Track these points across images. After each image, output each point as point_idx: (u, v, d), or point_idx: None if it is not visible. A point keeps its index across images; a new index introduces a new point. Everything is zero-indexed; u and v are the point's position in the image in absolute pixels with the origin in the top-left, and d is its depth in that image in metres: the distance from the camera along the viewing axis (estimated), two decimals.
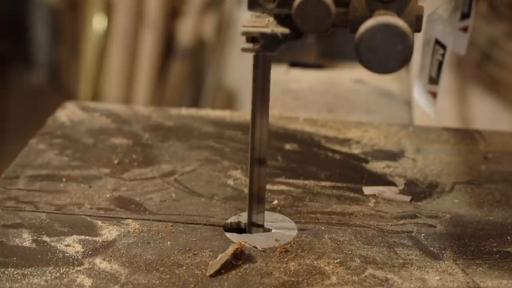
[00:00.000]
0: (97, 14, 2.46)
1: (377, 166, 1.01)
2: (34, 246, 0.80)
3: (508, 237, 0.85)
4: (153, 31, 2.40)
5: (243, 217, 0.85)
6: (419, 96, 1.13)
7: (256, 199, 0.82)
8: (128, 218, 0.86)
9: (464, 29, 1.02)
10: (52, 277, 0.75)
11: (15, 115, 2.70)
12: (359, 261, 0.79)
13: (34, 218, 0.85)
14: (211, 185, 0.94)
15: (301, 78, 1.39)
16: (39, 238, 0.81)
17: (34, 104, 2.59)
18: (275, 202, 0.91)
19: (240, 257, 0.78)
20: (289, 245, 0.81)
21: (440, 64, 1.04)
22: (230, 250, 0.77)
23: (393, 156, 1.04)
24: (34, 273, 0.75)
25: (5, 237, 0.81)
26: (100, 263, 0.77)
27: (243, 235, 0.83)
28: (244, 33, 0.73)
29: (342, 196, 0.93)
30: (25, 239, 0.81)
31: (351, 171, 0.99)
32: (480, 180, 0.98)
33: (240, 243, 0.79)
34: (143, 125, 1.09)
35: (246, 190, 0.87)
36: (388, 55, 0.66)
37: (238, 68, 2.27)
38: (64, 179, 0.94)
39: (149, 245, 0.81)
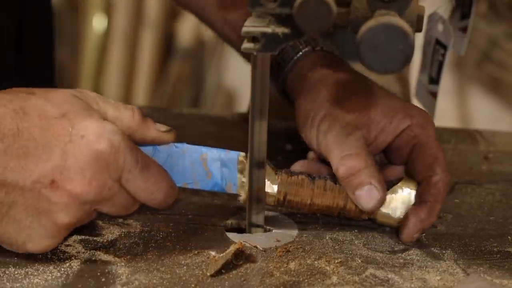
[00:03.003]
0: (97, 14, 2.46)
1: None
2: None
3: (509, 237, 0.85)
4: (153, 31, 2.40)
5: (243, 217, 0.85)
6: (419, 96, 1.13)
7: (256, 200, 0.82)
8: (128, 218, 0.86)
9: (464, 29, 1.02)
10: (53, 277, 0.74)
11: None
12: (359, 261, 0.79)
13: None
14: None
15: None
16: None
17: None
18: None
19: (240, 257, 0.77)
20: (290, 245, 0.81)
21: (441, 64, 1.04)
22: (231, 250, 0.77)
23: None
24: (35, 273, 0.75)
25: None
26: (101, 263, 0.77)
27: (244, 235, 0.83)
28: (244, 33, 0.72)
29: None
30: None
31: None
32: (481, 180, 0.98)
33: (241, 243, 0.78)
34: None
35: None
36: (389, 55, 0.66)
37: (238, 68, 2.27)
38: None
39: (149, 245, 0.81)
